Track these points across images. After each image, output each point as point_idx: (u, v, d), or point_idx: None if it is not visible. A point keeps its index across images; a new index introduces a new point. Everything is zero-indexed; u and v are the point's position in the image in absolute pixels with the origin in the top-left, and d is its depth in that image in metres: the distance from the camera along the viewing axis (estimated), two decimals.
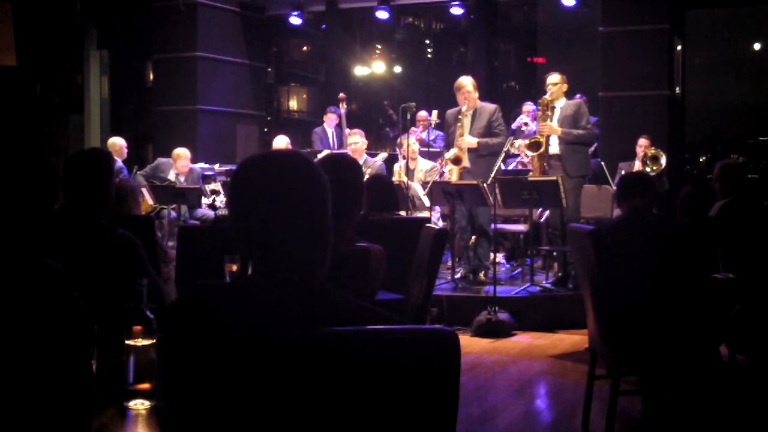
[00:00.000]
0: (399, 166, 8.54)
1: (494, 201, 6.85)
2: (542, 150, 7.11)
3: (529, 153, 7.35)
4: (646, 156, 8.70)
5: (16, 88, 12.99)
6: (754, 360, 4.30)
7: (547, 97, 7.21)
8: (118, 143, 9.52)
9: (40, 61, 13.83)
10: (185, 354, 1.57)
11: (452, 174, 7.30)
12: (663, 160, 8.62)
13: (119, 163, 9.25)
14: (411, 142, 8.27)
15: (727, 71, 20.34)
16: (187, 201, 8.51)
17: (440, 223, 7.86)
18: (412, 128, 9.00)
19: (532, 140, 7.24)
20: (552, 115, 7.19)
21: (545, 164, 7.15)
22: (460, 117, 7.37)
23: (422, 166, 8.37)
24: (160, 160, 9.50)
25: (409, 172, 8.20)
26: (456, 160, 7.28)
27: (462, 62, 22.50)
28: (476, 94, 7.39)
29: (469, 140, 7.27)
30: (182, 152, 9.13)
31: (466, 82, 7.38)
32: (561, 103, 7.22)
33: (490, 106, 7.44)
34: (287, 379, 1.49)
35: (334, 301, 1.65)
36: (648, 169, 8.53)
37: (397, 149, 8.55)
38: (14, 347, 1.75)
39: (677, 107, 10.37)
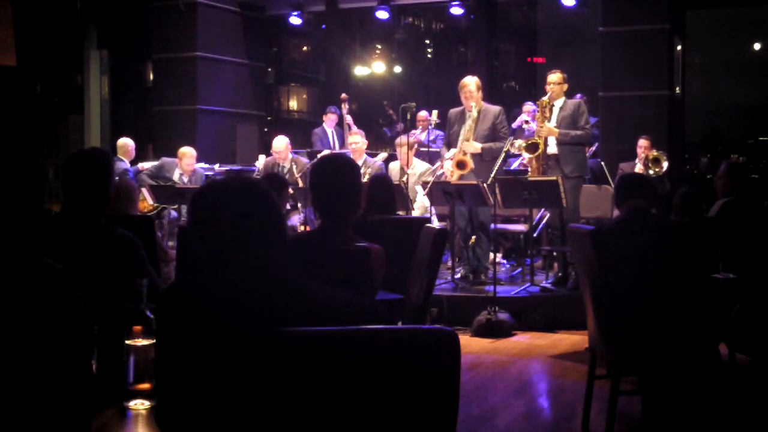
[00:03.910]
0: (393, 166, 8.53)
1: (494, 201, 6.85)
2: (539, 152, 7.11)
3: (527, 155, 7.33)
4: (647, 158, 8.68)
5: (16, 88, 12.99)
6: (754, 360, 4.30)
7: (545, 99, 7.20)
8: (128, 144, 9.47)
9: (40, 61, 13.83)
10: (172, 348, 1.63)
11: (452, 175, 7.27)
12: (665, 164, 8.58)
13: (126, 164, 9.22)
14: (404, 151, 8.22)
15: (727, 71, 20.32)
16: (188, 201, 8.48)
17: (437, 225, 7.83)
18: (412, 131, 8.98)
19: (530, 142, 7.23)
20: (550, 116, 7.18)
21: (544, 164, 7.14)
22: (465, 119, 7.33)
23: (417, 168, 8.34)
24: (165, 159, 9.46)
25: (404, 174, 8.17)
26: (460, 164, 7.23)
27: (462, 62, 22.53)
28: (479, 95, 7.35)
29: (474, 146, 7.23)
30: (188, 151, 9.12)
31: (470, 81, 7.34)
32: (560, 102, 7.20)
33: (495, 109, 7.39)
34: (287, 378, 1.49)
35: (311, 295, 1.74)
36: (651, 172, 8.53)
37: (398, 149, 8.50)
38: (14, 347, 1.75)
39: (677, 107, 10.37)
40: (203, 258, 1.78)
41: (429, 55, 26.33)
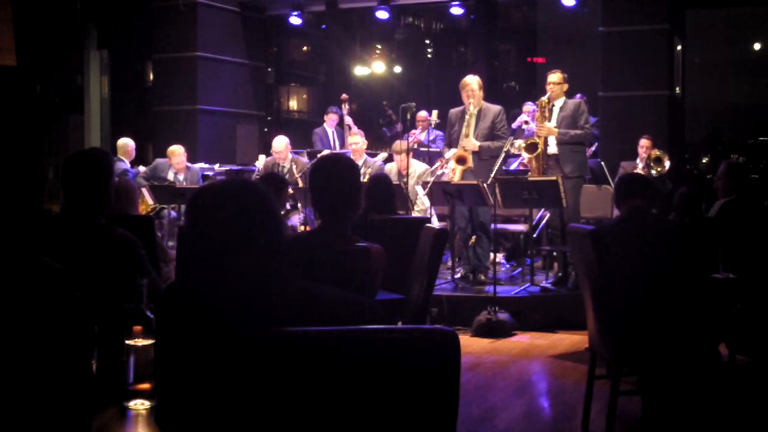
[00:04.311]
0: (390, 167, 8.51)
1: (494, 201, 6.85)
2: (539, 151, 7.10)
3: (527, 155, 7.33)
4: (649, 158, 8.68)
5: (16, 88, 13.00)
6: (754, 360, 4.30)
7: (544, 99, 7.20)
8: (129, 144, 9.47)
9: (40, 61, 13.84)
10: (172, 348, 1.64)
11: (455, 173, 7.27)
12: (667, 163, 8.61)
13: (126, 164, 9.22)
14: (402, 157, 8.15)
15: (727, 71, 20.29)
16: (186, 201, 8.46)
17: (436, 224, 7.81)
18: (412, 131, 8.97)
19: (529, 142, 7.23)
20: (550, 116, 7.18)
21: (544, 164, 7.14)
22: (465, 117, 7.33)
23: (416, 169, 8.33)
24: (158, 161, 9.48)
25: (401, 177, 8.16)
26: (461, 160, 7.24)
27: (462, 62, 22.53)
28: (480, 94, 7.36)
29: (472, 143, 7.23)
30: (176, 149, 9.13)
31: (472, 80, 7.35)
32: (560, 102, 7.20)
33: (495, 108, 7.40)
34: (286, 378, 1.49)
35: (309, 295, 1.75)
36: (653, 172, 8.52)
37: (395, 156, 8.45)
38: (14, 347, 1.75)
39: (677, 107, 10.37)
40: (202, 259, 1.79)
41: (429, 55, 26.32)
